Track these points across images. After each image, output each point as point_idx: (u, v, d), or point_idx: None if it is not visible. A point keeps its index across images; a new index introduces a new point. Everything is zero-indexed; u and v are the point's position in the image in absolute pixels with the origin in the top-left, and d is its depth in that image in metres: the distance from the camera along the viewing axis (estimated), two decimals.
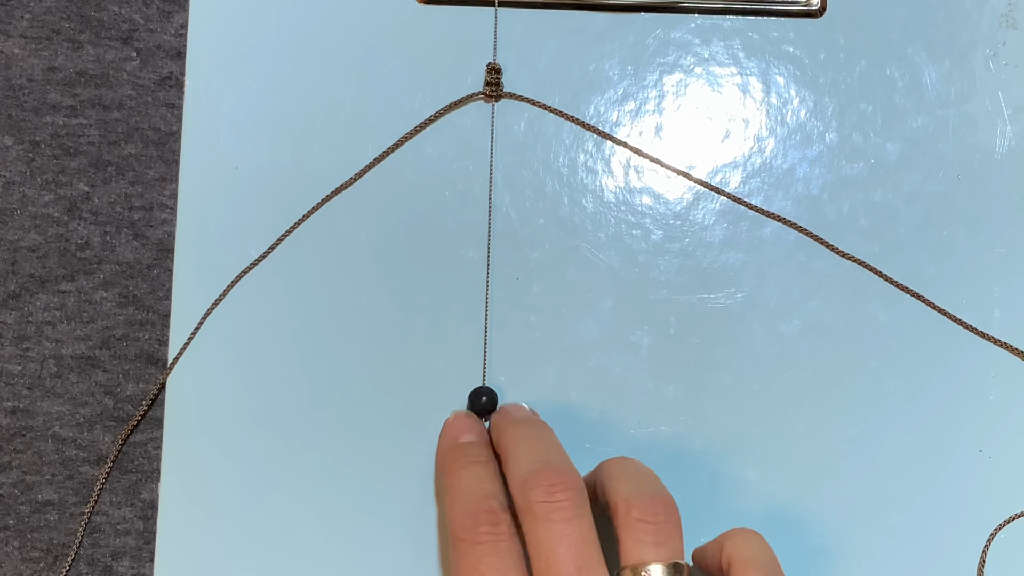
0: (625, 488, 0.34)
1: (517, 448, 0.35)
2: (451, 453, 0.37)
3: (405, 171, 0.40)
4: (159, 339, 0.40)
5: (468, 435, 0.37)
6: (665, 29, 0.41)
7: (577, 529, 0.33)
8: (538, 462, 0.34)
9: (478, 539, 0.33)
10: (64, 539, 0.39)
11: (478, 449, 0.37)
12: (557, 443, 0.36)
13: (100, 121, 0.41)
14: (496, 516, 0.33)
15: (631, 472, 0.35)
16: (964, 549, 0.39)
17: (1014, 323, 0.40)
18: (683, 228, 0.40)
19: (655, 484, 0.35)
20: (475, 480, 0.35)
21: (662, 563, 0.33)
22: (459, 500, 0.34)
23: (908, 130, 0.41)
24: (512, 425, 0.37)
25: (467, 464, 0.36)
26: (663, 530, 0.33)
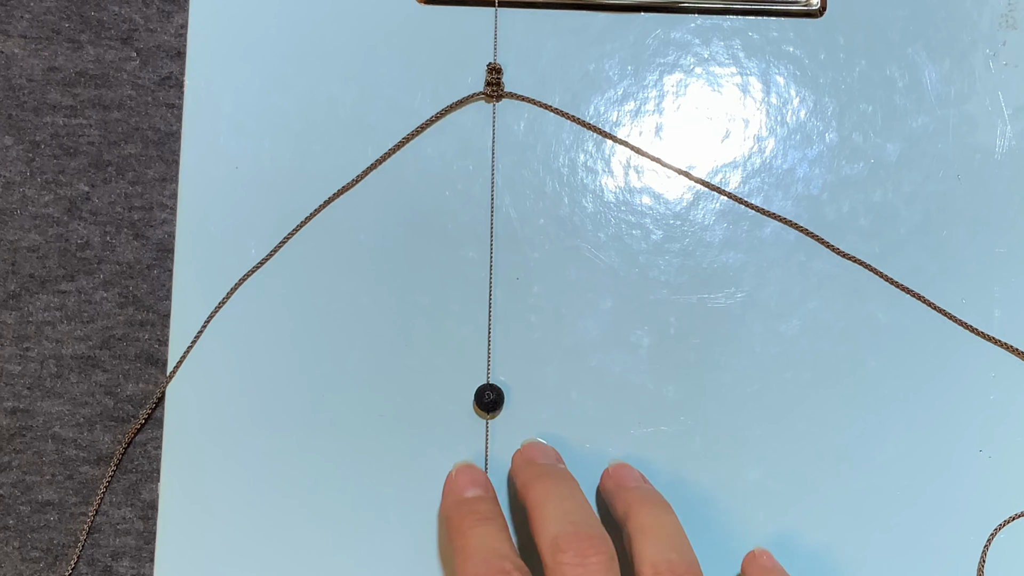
0: (652, 552, 0.34)
1: (545, 506, 0.35)
2: (457, 511, 0.36)
3: (406, 171, 0.40)
4: (159, 339, 0.40)
5: (473, 489, 0.37)
6: (665, 29, 0.41)
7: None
8: (568, 523, 0.34)
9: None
10: (64, 539, 0.39)
11: (485, 505, 0.36)
12: (585, 500, 0.35)
13: (100, 121, 0.41)
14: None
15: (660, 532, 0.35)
16: (964, 549, 0.39)
17: (1014, 323, 0.40)
18: (683, 228, 0.40)
19: (683, 550, 0.35)
20: (486, 539, 0.34)
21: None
22: (470, 562, 0.34)
23: (908, 130, 0.41)
24: (540, 478, 0.36)
25: (476, 523, 0.35)
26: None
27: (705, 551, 0.39)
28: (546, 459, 0.38)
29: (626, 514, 0.36)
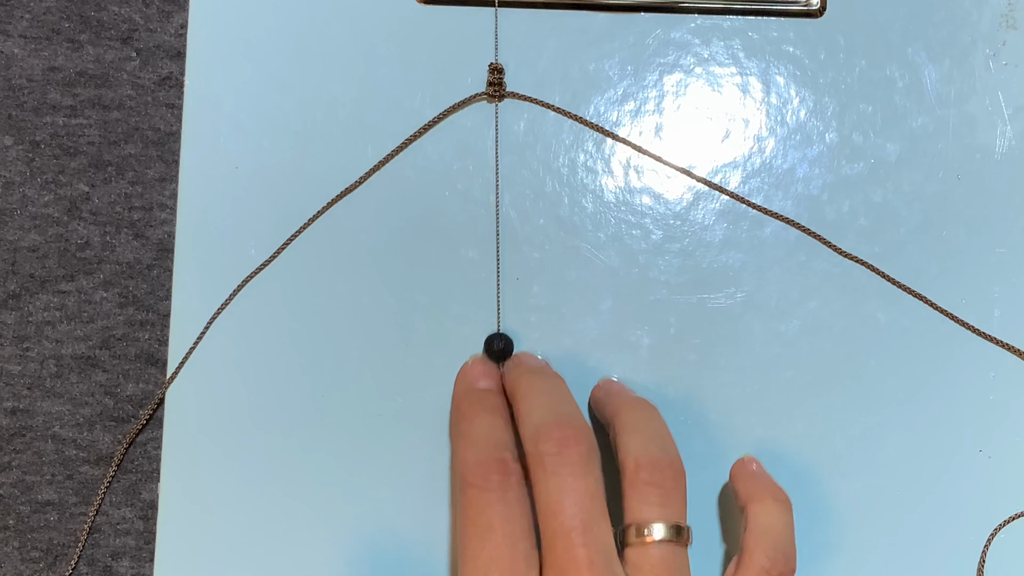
0: (636, 447, 0.35)
1: (530, 398, 0.36)
2: (467, 399, 0.37)
3: (406, 171, 0.40)
4: (159, 339, 0.40)
5: (485, 382, 0.38)
6: (665, 29, 0.41)
7: (584, 484, 0.33)
8: (550, 414, 0.35)
9: (488, 487, 0.34)
10: (64, 539, 0.39)
11: (494, 398, 0.37)
12: (569, 396, 0.36)
13: (100, 121, 0.41)
14: (507, 466, 0.34)
15: (644, 429, 0.36)
16: (964, 549, 0.39)
17: (1014, 323, 0.40)
18: (683, 228, 0.40)
19: (666, 446, 0.35)
20: (489, 429, 0.36)
21: (665, 523, 0.34)
22: (472, 447, 0.35)
23: (908, 130, 0.41)
24: (526, 375, 0.37)
25: (482, 412, 0.36)
26: (669, 494, 0.34)
27: (705, 551, 0.39)
28: (536, 362, 0.39)
29: (614, 414, 0.37)
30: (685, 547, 0.34)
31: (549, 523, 0.33)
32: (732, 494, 0.38)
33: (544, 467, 0.33)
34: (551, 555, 0.33)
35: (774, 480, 0.37)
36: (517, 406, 0.36)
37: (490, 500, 0.34)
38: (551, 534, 0.33)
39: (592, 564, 0.32)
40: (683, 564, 0.34)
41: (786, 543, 0.36)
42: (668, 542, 0.34)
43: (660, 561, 0.34)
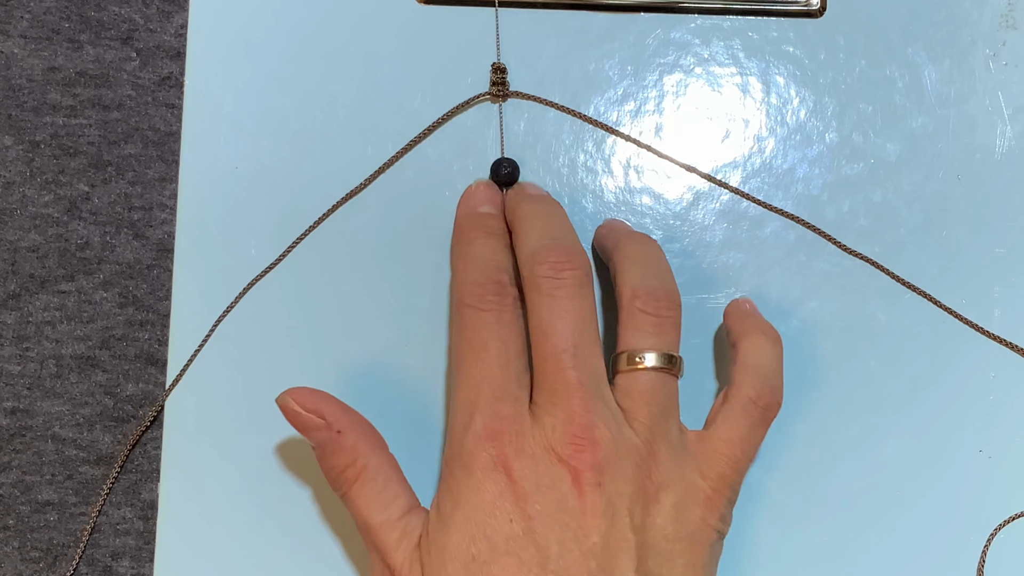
0: (634, 277, 0.36)
1: (529, 223, 0.36)
2: (468, 221, 0.38)
3: (406, 172, 0.40)
4: (159, 339, 0.40)
5: (487, 206, 0.38)
6: (665, 29, 0.41)
7: (578, 307, 0.34)
8: (547, 238, 0.35)
9: (484, 307, 0.34)
10: (64, 539, 0.39)
11: (495, 221, 0.38)
12: (568, 222, 0.37)
13: (100, 121, 0.41)
14: (504, 288, 0.35)
15: (644, 261, 0.36)
16: (964, 549, 0.39)
17: (1014, 323, 0.40)
18: (683, 228, 0.40)
19: (664, 277, 0.36)
20: (488, 251, 0.36)
21: (657, 352, 0.35)
22: (470, 268, 0.36)
23: (908, 130, 0.41)
24: (526, 200, 0.38)
25: (482, 234, 0.37)
26: (663, 323, 0.35)
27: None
28: (537, 191, 0.39)
29: (614, 246, 0.37)
30: (676, 377, 0.35)
31: (541, 345, 0.34)
32: (725, 332, 0.38)
33: (539, 289, 0.34)
34: (541, 376, 0.34)
35: (765, 318, 0.38)
36: (515, 230, 0.37)
37: (485, 320, 0.34)
38: (542, 355, 0.34)
39: (581, 386, 0.33)
40: (672, 392, 0.35)
41: (773, 376, 0.36)
42: (659, 370, 0.35)
43: (649, 387, 0.34)
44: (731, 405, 0.36)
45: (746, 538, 0.39)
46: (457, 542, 0.33)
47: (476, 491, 0.33)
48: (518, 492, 0.32)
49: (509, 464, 0.33)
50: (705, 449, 0.35)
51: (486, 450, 0.33)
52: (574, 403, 0.33)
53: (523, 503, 0.32)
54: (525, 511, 0.32)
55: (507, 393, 0.34)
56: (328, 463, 0.35)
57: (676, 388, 0.35)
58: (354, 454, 0.35)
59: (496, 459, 0.33)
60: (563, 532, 0.32)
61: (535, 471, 0.33)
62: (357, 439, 0.35)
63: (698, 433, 0.35)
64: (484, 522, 0.32)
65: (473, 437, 0.33)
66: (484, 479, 0.33)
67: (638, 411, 0.34)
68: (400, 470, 0.35)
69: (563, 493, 0.32)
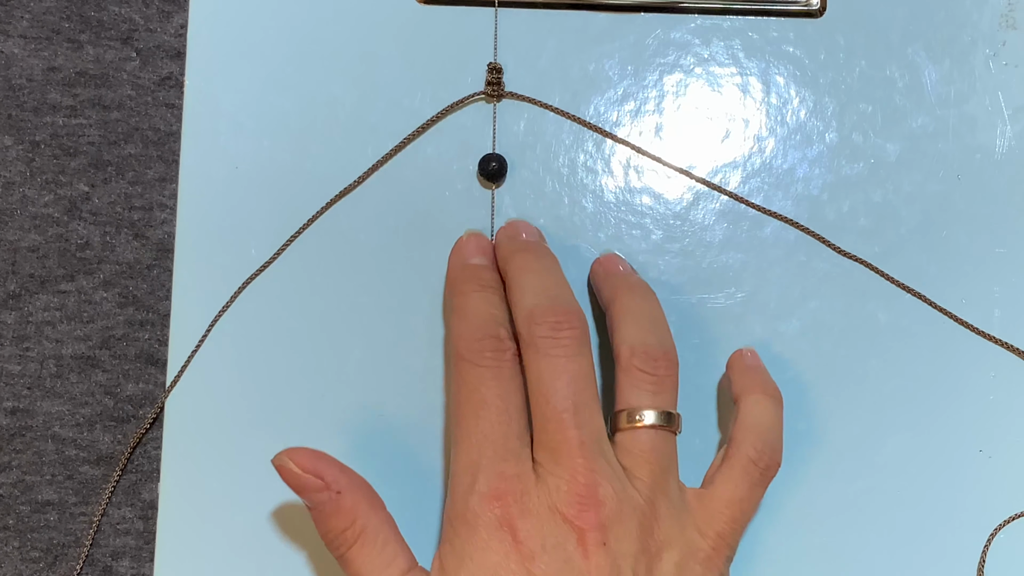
0: (631, 335, 0.36)
1: (523, 279, 0.36)
2: (461, 274, 0.38)
3: (405, 171, 0.40)
4: (159, 339, 0.40)
5: (479, 257, 0.38)
6: (665, 29, 0.41)
7: (578, 366, 0.34)
8: (544, 297, 0.35)
9: (482, 362, 0.34)
10: (64, 539, 0.39)
11: (488, 273, 0.37)
12: (562, 277, 0.37)
13: (100, 121, 0.41)
14: (502, 343, 0.35)
15: (641, 317, 0.36)
16: (964, 549, 0.39)
17: (1014, 323, 0.40)
18: (683, 228, 0.40)
19: (662, 335, 0.36)
20: (483, 304, 0.36)
21: (655, 410, 0.35)
22: (466, 323, 0.35)
23: (908, 130, 0.41)
24: (520, 252, 0.37)
25: (476, 288, 0.37)
26: (662, 382, 0.35)
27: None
28: (530, 236, 0.39)
29: (611, 298, 0.37)
30: (674, 434, 0.35)
31: (541, 405, 0.34)
32: (727, 386, 0.38)
33: (537, 349, 0.34)
34: (543, 436, 0.34)
35: (769, 375, 0.38)
36: (509, 283, 0.36)
37: (484, 376, 0.34)
38: (543, 416, 0.34)
39: (583, 445, 0.33)
40: (671, 450, 0.35)
41: (774, 436, 0.36)
42: (658, 428, 0.35)
43: (650, 446, 0.34)
44: (731, 465, 0.35)
45: (746, 538, 0.39)
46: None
47: (481, 551, 0.33)
48: (524, 552, 0.32)
49: (514, 524, 0.33)
50: (705, 508, 0.35)
51: (491, 510, 0.33)
52: (577, 463, 0.33)
53: (529, 563, 0.32)
54: (531, 571, 0.32)
55: (510, 452, 0.33)
56: (326, 525, 0.34)
57: (675, 446, 0.35)
58: (353, 515, 0.34)
59: (501, 519, 0.33)
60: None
61: (540, 531, 0.32)
62: (356, 500, 0.34)
63: (697, 491, 0.35)
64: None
65: (478, 498, 0.33)
66: (490, 539, 0.33)
67: (639, 470, 0.34)
68: (398, 530, 0.35)
69: (568, 553, 0.32)
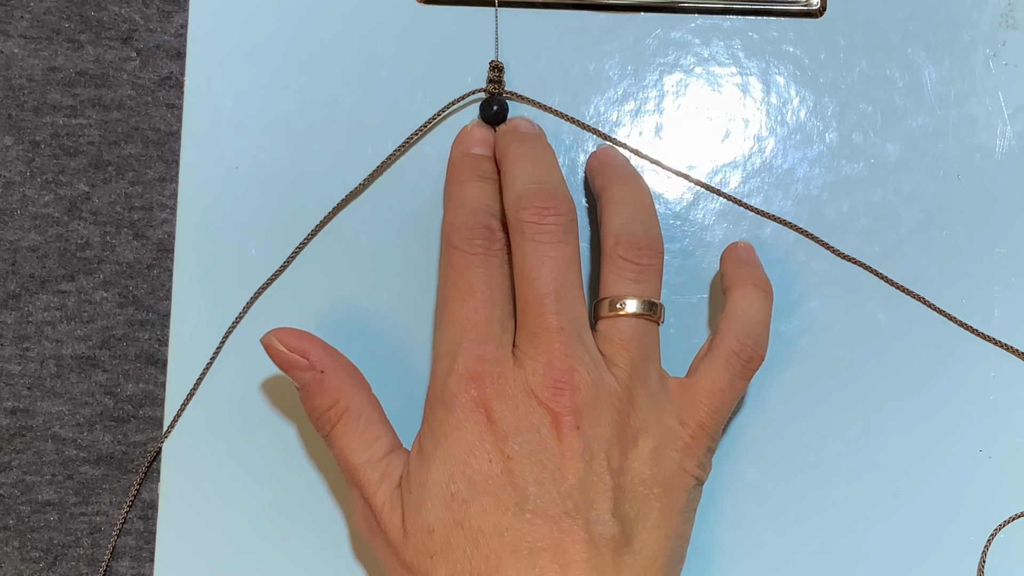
0: (617, 224, 0.36)
1: (517, 165, 0.37)
2: (461, 162, 0.38)
3: (405, 171, 0.40)
4: (159, 339, 0.40)
5: (481, 147, 0.38)
6: (665, 29, 0.41)
7: (561, 252, 0.34)
8: (534, 182, 0.35)
9: (472, 250, 0.35)
10: (64, 539, 0.39)
11: (487, 164, 0.38)
12: (556, 166, 0.37)
13: (100, 121, 0.41)
14: (492, 233, 0.35)
15: (628, 206, 0.37)
16: (964, 549, 0.39)
17: (1014, 323, 0.40)
18: (683, 228, 0.40)
19: (648, 224, 0.36)
20: (479, 194, 0.37)
21: (638, 298, 0.35)
22: (461, 211, 0.36)
23: (908, 130, 0.41)
24: (516, 142, 0.38)
25: (474, 177, 0.37)
26: (645, 271, 0.35)
27: (704, 551, 0.39)
28: (529, 128, 0.39)
29: (602, 187, 0.38)
30: (657, 324, 0.36)
31: (524, 289, 0.34)
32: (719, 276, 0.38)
33: (523, 233, 0.34)
34: (524, 320, 0.34)
35: (762, 268, 0.38)
36: (503, 170, 0.37)
37: (473, 263, 0.35)
38: (525, 300, 0.34)
39: (562, 330, 0.33)
40: (653, 339, 0.35)
41: (758, 329, 0.36)
42: (640, 316, 0.35)
43: (630, 333, 0.35)
44: (714, 355, 0.36)
45: (746, 538, 0.39)
46: (436, 480, 0.33)
47: (456, 430, 0.33)
48: (497, 433, 0.33)
49: (489, 405, 0.33)
50: (685, 397, 0.35)
51: (467, 391, 0.33)
52: (554, 347, 0.33)
53: (502, 443, 0.33)
54: (504, 451, 0.33)
55: (491, 336, 0.34)
56: (311, 403, 0.35)
57: (657, 335, 0.36)
58: (337, 394, 0.35)
59: (477, 400, 0.33)
60: (541, 473, 0.32)
61: (515, 413, 0.33)
62: (340, 379, 0.35)
63: (679, 380, 0.36)
64: (464, 461, 0.33)
65: (456, 378, 0.34)
66: (465, 419, 0.33)
67: (618, 357, 0.35)
68: (383, 411, 0.36)
69: (542, 435, 0.33)
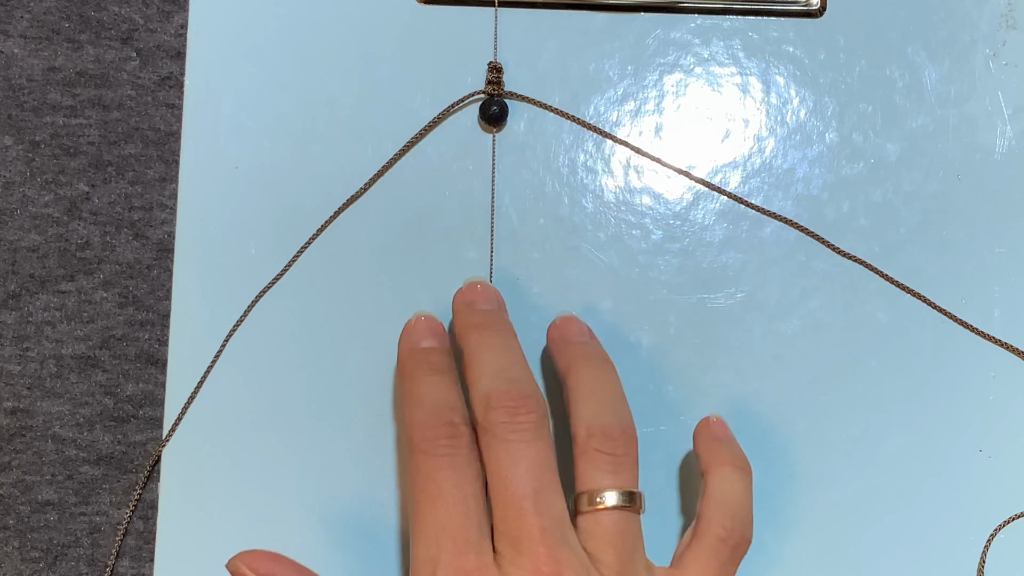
0: (588, 415, 0.35)
1: (480, 357, 0.35)
2: (411, 358, 0.36)
3: (405, 171, 0.40)
4: (159, 339, 0.40)
5: (429, 340, 0.37)
6: (665, 29, 0.41)
7: (536, 451, 0.33)
8: (501, 380, 0.34)
9: (437, 451, 0.33)
10: (64, 539, 0.39)
11: (439, 357, 0.36)
12: (520, 355, 0.35)
13: (100, 121, 0.41)
14: (456, 430, 0.34)
15: (596, 394, 0.35)
16: (964, 549, 0.39)
17: (1014, 323, 0.40)
18: (683, 228, 0.40)
19: (619, 412, 0.35)
20: (436, 390, 0.35)
21: (617, 490, 0.34)
22: (418, 411, 0.34)
23: (908, 130, 0.41)
24: (476, 330, 0.36)
25: (427, 372, 0.35)
26: (621, 462, 0.34)
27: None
28: (487, 304, 0.37)
29: (567, 370, 0.36)
30: (638, 513, 0.34)
31: (500, 492, 0.33)
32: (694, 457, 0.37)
33: (494, 435, 0.33)
34: (503, 524, 0.33)
35: (737, 445, 0.37)
36: (466, 363, 0.35)
37: (439, 465, 0.33)
38: (503, 503, 0.33)
39: (545, 532, 0.32)
40: (636, 530, 0.34)
41: (743, 512, 0.35)
42: (620, 508, 0.34)
43: (613, 527, 0.33)
44: (700, 544, 0.35)
45: None
46: None
47: None
48: None
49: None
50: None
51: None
52: (539, 551, 0.32)
53: None
54: None
55: (469, 545, 0.32)
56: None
57: (639, 526, 0.34)
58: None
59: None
60: None
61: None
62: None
63: (667, 571, 0.35)
64: None
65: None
66: None
67: (604, 554, 0.33)
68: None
69: None
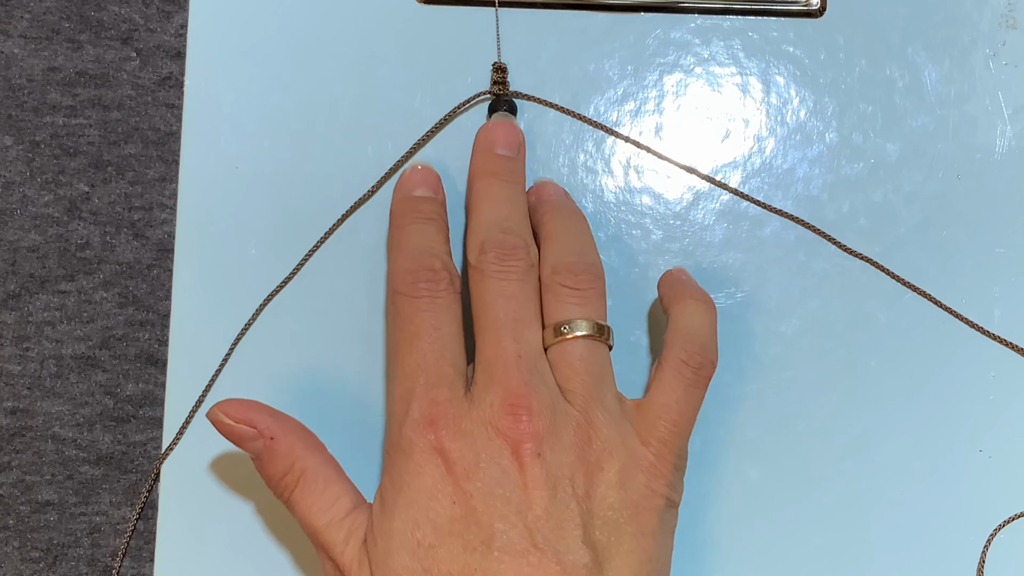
0: (553, 256, 0.36)
1: (482, 206, 0.37)
2: (401, 206, 0.38)
3: None
4: (159, 339, 0.40)
5: (423, 189, 0.38)
6: (665, 29, 0.41)
7: (520, 288, 0.35)
8: (498, 229, 0.35)
9: (416, 293, 0.35)
10: (64, 539, 0.39)
11: (429, 206, 0.38)
12: (522, 207, 0.37)
13: (100, 121, 0.41)
14: (436, 273, 0.35)
15: (563, 237, 0.37)
16: (964, 549, 0.39)
17: (1014, 323, 0.40)
18: (683, 228, 0.40)
19: (584, 251, 0.36)
20: (421, 236, 0.36)
21: (584, 320, 0.35)
22: (402, 255, 0.36)
23: (908, 130, 0.41)
24: (487, 175, 0.38)
25: (416, 220, 0.37)
26: (586, 295, 0.35)
27: (704, 551, 0.39)
28: (506, 149, 0.38)
29: (538, 224, 0.37)
30: (607, 345, 0.35)
31: (481, 318, 0.34)
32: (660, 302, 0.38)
33: (482, 273, 0.35)
34: (481, 352, 0.34)
35: (698, 285, 0.38)
36: (469, 206, 0.37)
37: (418, 307, 0.34)
38: (482, 329, 0.34)
39: (519, 358, 0.33)
40: (604, 360, 0.35)
41: (703, 336, 0.36)
42: (587, 338, 0.35)
43: (579, 356, 0.34)
44: (663, 369, 0.35)
45: (746, 538, 0.39)
46: (401, 529, 0.32)
47: (416, 476, 0.33)
48: (457, 473, 0.32)
49: (447, 447, 0.33)
50: (642, 416, 0.35)
51: (424, 436, 0.33)
52: (511, 376, 0.33)
53: (463, 482, 0.32)
54: (466, 490, 0.32)
55: (442, 379, 0.33)
56: (266, 472, 0.35)
57: (608, 356, 0.35)
58: (290, 459, 0.34)
59: (434, 444, 0.33)
60: (505, 507, 0.32)
61: (473, 449, 0.32)
62: (291, 444, 0.34)
63: (636, 401, 0.35)
64: (426, 506, 0.32)
65: (411, 425, 0.33)
66: (424, 464, 0.33)
67: (571, 382, 0.34)
68: (341, 469, 0.35)
69: (503, 467, 0.32)
